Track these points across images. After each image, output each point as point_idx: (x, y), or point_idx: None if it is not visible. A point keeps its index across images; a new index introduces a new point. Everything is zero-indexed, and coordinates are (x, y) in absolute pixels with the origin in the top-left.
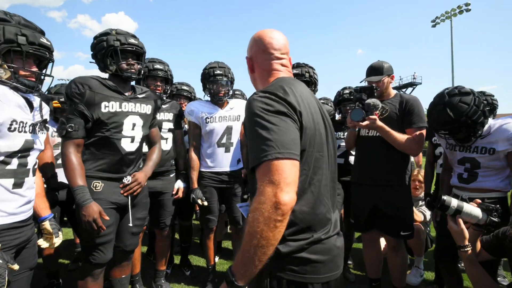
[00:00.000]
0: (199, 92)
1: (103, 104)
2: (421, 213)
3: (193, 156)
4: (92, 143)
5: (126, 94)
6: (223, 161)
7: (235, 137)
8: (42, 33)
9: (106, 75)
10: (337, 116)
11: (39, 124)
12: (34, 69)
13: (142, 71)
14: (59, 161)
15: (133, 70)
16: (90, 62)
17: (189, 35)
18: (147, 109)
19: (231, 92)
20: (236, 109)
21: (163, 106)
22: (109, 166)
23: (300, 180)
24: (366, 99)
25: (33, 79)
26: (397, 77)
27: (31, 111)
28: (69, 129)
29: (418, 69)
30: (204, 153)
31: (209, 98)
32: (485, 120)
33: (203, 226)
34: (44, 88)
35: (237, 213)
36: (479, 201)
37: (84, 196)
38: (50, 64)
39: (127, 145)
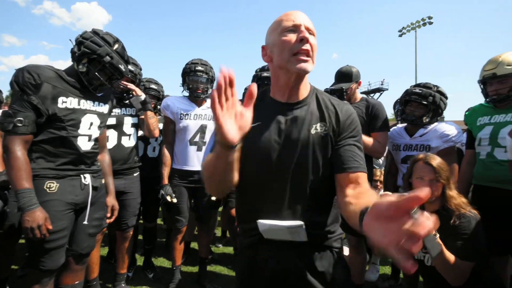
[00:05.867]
0: (168, 89)
1: (60, 99)
2: None
3: (166, 152)
4: (44, 141)
5: (84, 90)
6: (194, 159)
7: (209, 136)
8: None
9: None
10: None
11: None
12: None
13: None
14: None
15: (94, 82)
16: (70, 39)
17: (166, 32)
18: (104, 108)
19: (210, 91)
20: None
21: (126, 101)
22: (64, 165)
23: None
24: None
25: None
26: (366, 82)
27: None
28: (18, 124)
29: (386, 75)
30: (176, 150)
31: (186, 94)
32: (437, 117)
33: (172, 227)
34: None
35: (204, 212)
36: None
37: (31, 200)
38: None
39: (84, 144)
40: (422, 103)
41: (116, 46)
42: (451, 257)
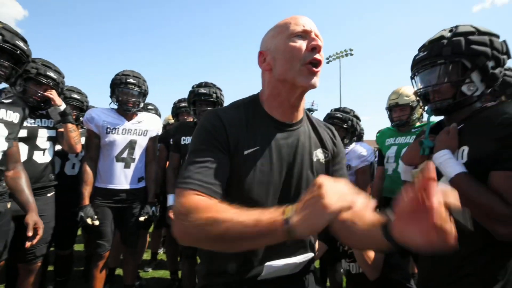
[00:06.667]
0: (95, 100)
1: None
2: None
3: (87, 168)
4: None
5: None
6: (121, 177)
7: (138, 152)
8: None
9: None
10: None
11: None
12: None
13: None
14: None
15: (1, 73)
16: None
17: (92, 35)
18: (14, 117)
19: (141, 105)
20: (144, 123)
21: (42, 112)
22: None
23: None
24: None
25: None
26: None
27: None
28: None
29: (316, 97)
30: (100, 167)
31: (114, 106)
32: (353, 138)
33: (93, 252)
34: None
35: (132, 234)
36: None
37: None
38: None
39: None
40: (343, 127)
41: (0, 24)
42: (370, 252)
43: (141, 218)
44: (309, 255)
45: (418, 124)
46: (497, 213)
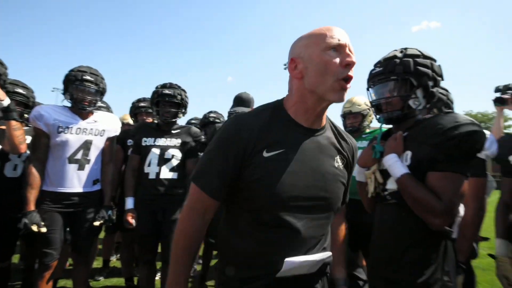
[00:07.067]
0: (41, 96)
1: None
2: None
3: (33, 170)
4: None
5: None
6: (74, 180)
7: (94, 153)
8: None
9: None
10: (203, 138)
11: None
12: None
13: None
14: None
15: None
16: None
17: (41, 23)
18: None
19: (98, 104)
20: (101, 123)
21: None
22: None
23: None
24: None
25: None
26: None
27: None
28: None
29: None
30: (49, 169)
31: (68, 104)
32: None
33: (34, 263)
34: None
35: (85, 240)
36: None
37: None
38: None
39: None
40: None
41: None
42: None
43: (96, 223)
44: (327, 253)
45: (368, 130)
46: (431, 207)
